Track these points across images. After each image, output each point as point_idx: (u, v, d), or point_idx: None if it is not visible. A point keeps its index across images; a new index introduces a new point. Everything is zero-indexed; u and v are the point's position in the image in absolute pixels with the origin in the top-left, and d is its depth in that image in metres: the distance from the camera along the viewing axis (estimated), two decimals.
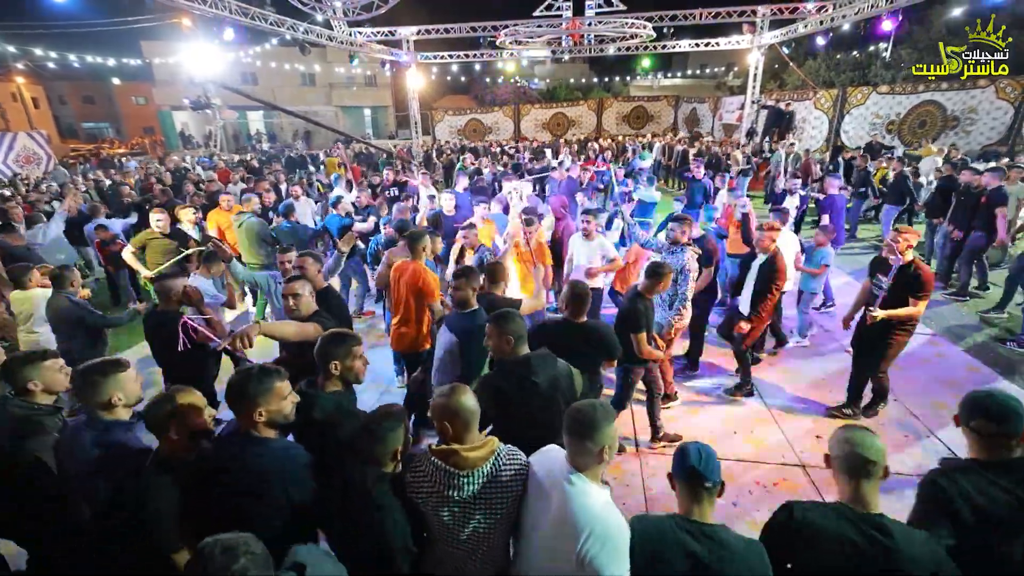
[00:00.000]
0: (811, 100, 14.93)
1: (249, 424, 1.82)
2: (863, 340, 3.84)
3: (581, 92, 32.24)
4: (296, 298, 2.87)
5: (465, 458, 1.70)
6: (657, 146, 16.42)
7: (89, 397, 2.06)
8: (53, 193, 10.92)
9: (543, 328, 3.04)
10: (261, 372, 1.83)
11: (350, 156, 17.78)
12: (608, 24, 14.19)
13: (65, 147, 28.36)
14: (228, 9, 10.32)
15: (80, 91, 35.54)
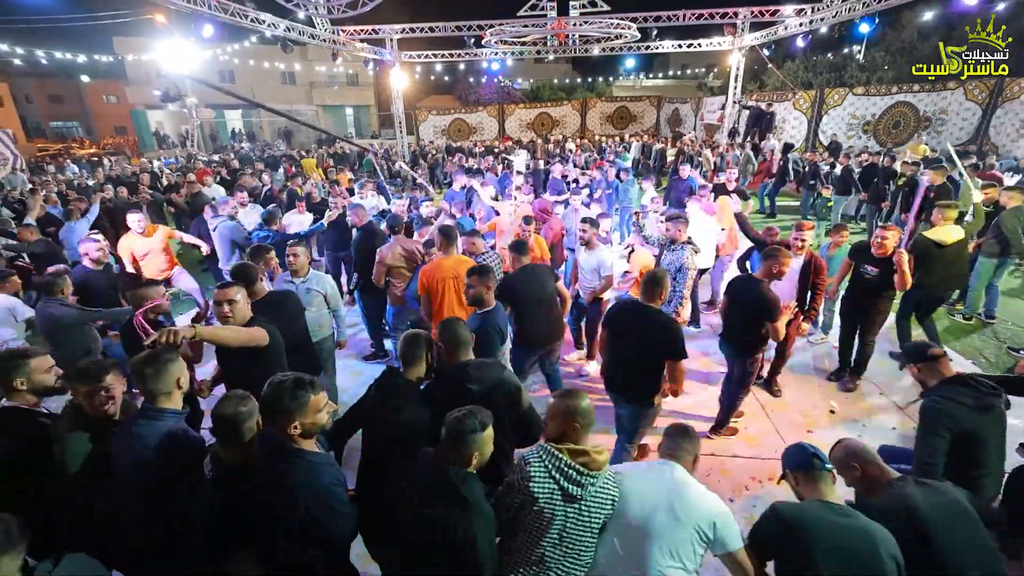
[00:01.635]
0: (791, 101, 15.20)
1: (283, 435, 1.78)
2: (857, 309, 4.28)
3: (565, 92, 32.28)
4: (231, 304, 2.65)
5: (594, 459, 1.80)
6: (635, 145, 16.59)
7: (154, 385, 1.96)
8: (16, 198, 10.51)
9: (618, 305, 3.19)
10: (295, 385, 1.75)
11: (321, 155, 17.46)
12: (593, 24, 14.20)
13: (32, 147, 27.19)
14: (207, 5, 9.96)
15: (47, 89, 34.02)
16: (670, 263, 4.05)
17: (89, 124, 34.24)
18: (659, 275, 2.92)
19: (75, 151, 25.84)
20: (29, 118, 33.22)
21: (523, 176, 7.55)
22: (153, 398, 1.97)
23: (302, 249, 3.68)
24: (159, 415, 1.96)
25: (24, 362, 2.16)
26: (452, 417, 1.76)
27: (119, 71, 26.92)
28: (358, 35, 16.02)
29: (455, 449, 1.74)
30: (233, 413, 1.82)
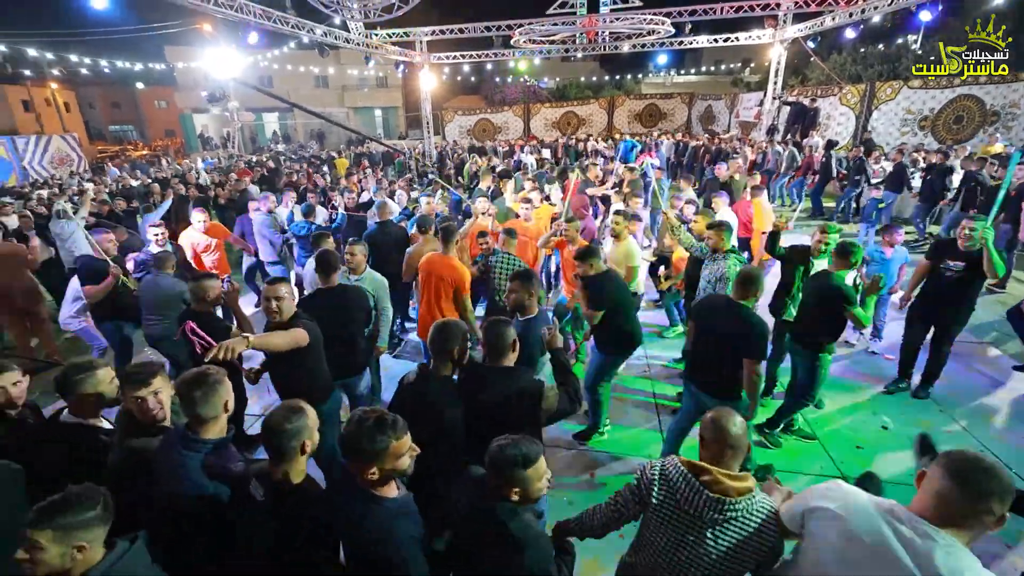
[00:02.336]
0: (837, 96, 14.27)
1: (360, 478, 1.58)
2: (934, 313, 3.95)
3: (592, 90, 31.68)
4: (279, 300, 2.66)
5: (719, 480, 1.55)
6: (667, 143, 16.00)
7: (202, 409, 1.81)
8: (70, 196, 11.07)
9: (709, 299, 3.15)
10: (376, 427, 1.53)
11: (350, 154, 17.72)
12: (625, 21, 13.72)
13: (94, 149, 28.92)
14: (252, 13, 10.19)
15: (108, 95, 36.23)
16: (711, 273, 3.75)
17: (142, 127, 36.22)
18: (754, 273, 2.84)
19: (130, 153, 27.22)
20: (92, 123, 35.47)
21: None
22: (199, 424, 1.83)
23: (360, 248, 3.72)
24: (199, 446, 1.81)
25: (91, 374, 2.09)
26: (495, 444, 1.60)
27: (169, 78, 28.20)
28: (390, 38, 16.12)
29: (496, 480, 1.57)
30: (278, 427, 1.65)
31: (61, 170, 20.64)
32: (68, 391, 2.07)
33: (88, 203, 7.59)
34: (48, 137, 21.77)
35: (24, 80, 29.99)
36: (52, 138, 21.76)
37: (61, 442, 2.02)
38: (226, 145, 24.44)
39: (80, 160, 22.29)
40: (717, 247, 3.77)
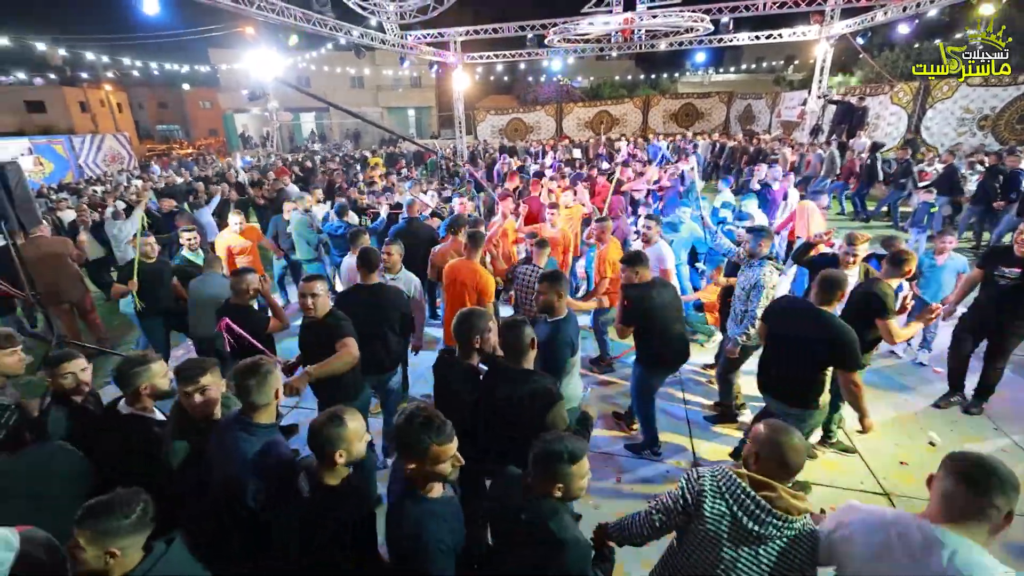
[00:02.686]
0: (888, 94, 13.64)
1: (405, 473, 1.65)
2: (987, 324, 3.75)
3: (626, 89, 31.27)
4: (314, 297, 2.76)
5: (784, 498, 1.51)
6: (703, 144, 15.64)
7: (255, 396, 1.95)
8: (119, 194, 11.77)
9: (785, 302, 3.05)
10: (421, 427, 1.56)
11: (383, 154, 18.09)
12: (662, 18, 13.50)
13: (143, 147, 30.54)
14: (292, 16, 10.54)
15: (156, 96, 38.28)
16: (745, 280, 3.63)
17: (187, 127, 37.99)
18: (838, 277, 2.69)
19: (176, 151, 28.59)
20: (141, 122, 37.54)
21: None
22: (252, 410, 1.97)
23: (396, 248, 3.81)
24: (254, 430, 1.95)
25: (147, 368, 2.20)
26: (541, 440, 1.61)
27: (213, 80, 29.43)
28: (424, 39, 16.36)
29: (540, 477, 1.58)
30: (315, 431, 1.70)
31: (113, 167, 21.91)
32: (124, 383, 2.18)
33: (143, 206, 8.05)
34: (102, 136, 23.19)
35: (81, 82, 32.01)
36: (105, 137, 23.17)
37: (118, 431, 2.15)
38: (265, 144, 25.35)
39: (130, 158, 23.62)
40: (754, 253, 3.63)
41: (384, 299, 3.30)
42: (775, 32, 15.18)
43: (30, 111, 31.41)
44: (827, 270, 2.87)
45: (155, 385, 2.21)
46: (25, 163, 18.48)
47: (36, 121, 30.71)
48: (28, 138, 20.37)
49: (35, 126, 29.33)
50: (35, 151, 19.26)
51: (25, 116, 31.08)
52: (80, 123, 31.36)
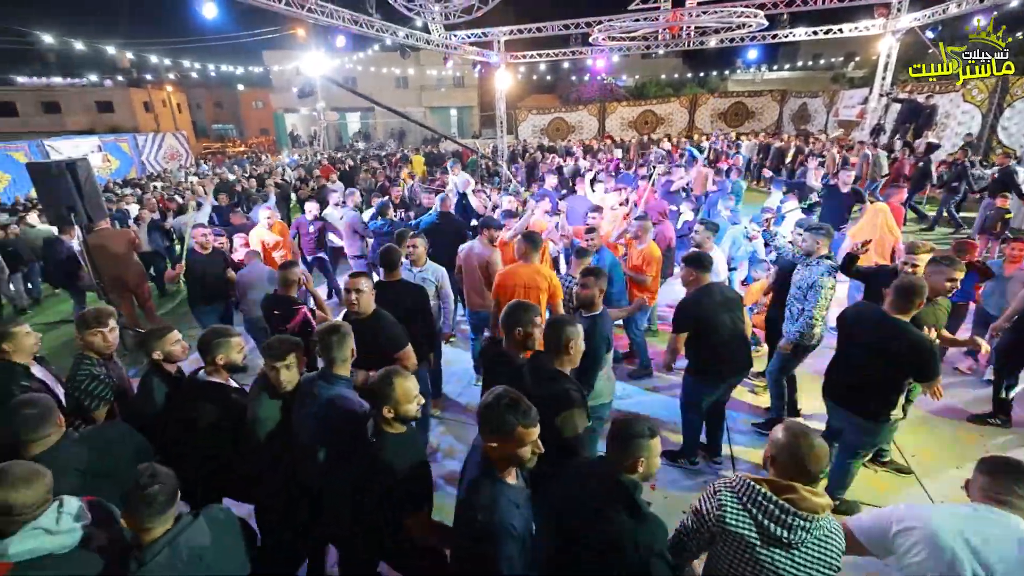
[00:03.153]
0: (959, 92, 12.79)
1: (486, 453, 1.71)
2: None
3: (672, 88, 30.63)
4: (359, 293, 2.82)
5: (805, 498, 1.51)
6: (747, 144, 15.13)
7: (336, 352, 2.25)
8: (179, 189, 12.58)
9: (857, 310, 2.90)
10: (508, 408, 1.62)
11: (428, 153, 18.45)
12: (713, 14, 13.15)
13: (199, 146, 32.40)
14: (341, 18, 10.97)
15: (213, 97, 40.50)
16: (802, 279, 3.55)
17: (240, 126, 39.95)
18: (917, 284, 2.58)
19: (229, 149, 30.16)
20: (198, 122, 39.82)
21: None
22: (332, 364, 2.25)
23: (421, 241, 3.84)
24: (336, 380, 2.24)
25: (227, 340, 2.42)
26: (621, 421, 1.69)
27: (266, 80, 30.94)
28: (468, 39, 16.56)
29: (623, 453, 1.62)
30: (373, 387, 1.94)
31: (172, 164, 23.36)
32: (205, 352, 2.39)
33: (209, 204, 8.57)
34: (163, 134, 24.77)
35: (145, 84, 34.38)
36: (166, 135, 24.74)
37: (200, 397, 2.38)
38: (312, 143, 26.37)
39: (188, 155, 25.11)
40: (811, 251, 3.52)
41: (403, 297, 3.33)
42: (835, 27, 14.51)
43: (100, 111, 33.93)
44: (906, 276, 2.75)
45: (231, 357, 2.43)
46: (94, 160, 19.72)
47: (105, 120, 33.14)
48: (98, 136, 21.94)
49: (104, 125, 31.65)
50: (103, 148, 20.67)
51: (96, 116, 33.57)
52: (144, 122, 33.63)
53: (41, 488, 1.52)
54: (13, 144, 17.81)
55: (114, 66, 33.79)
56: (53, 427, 1.92)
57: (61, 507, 1.54)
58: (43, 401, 1.96)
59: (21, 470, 1.52)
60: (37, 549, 1.46)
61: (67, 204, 4.88)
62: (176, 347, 2.54)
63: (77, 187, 4.89)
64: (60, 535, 1.50)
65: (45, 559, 1.48)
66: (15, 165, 16.76)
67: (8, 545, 1.44)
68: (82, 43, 13.35)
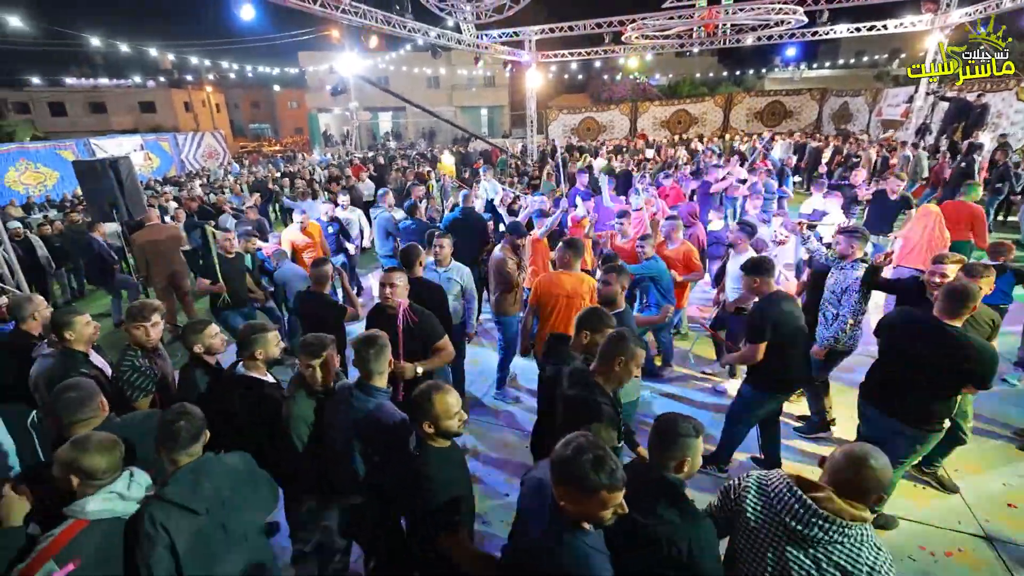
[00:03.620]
0: (1012, 90, 12.25)
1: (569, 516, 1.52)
2: None
3: (707, 87, 30.14)
4: (392, 288, 2.87)
5: (837, 504, 1.47)
6: (781, 144, 14.76)
7: (373, 364, 2.22)
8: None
9: (904, 314, 2.78)
10: (593, 466, 1.40)
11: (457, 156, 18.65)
12: (751, 11, 12.94)
13: (236, 145, 33.63)
14: (375, 19, 11.29)
15: (250, 97, 42.04)
16: (836, 283, 3.54)
17: (276, 126, 41.26)
18: (969, 290, 2.48)
19: (265, 148, 31.19)
20: (235, 121, 41.32)
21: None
22: (369, 376, 2.22)
23: (447, 241, 3.88)
24: (374, 392, 2.21)
25: (264, 335, 2.47)
26: (665, 418, 1.69)
27: (301, 80, 31.88)
28: (500, 39, 16.71)
29: (669, 453, 1.64)
30: (412, 401, 1.90)
31: (210, 163, 24.29)
32: (243, 346, 2.46)
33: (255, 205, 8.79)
34: (202, 134, 25.78)
35: (186, 84, 35.89)
36: (205, 135, 25.72)
37: (240, 391, 2.45)
38: (344, 142, 27.04)
39: (225, 154, 26.05)
40: (845, 255, 3.50)
41: (423, 295, 3.35)
42: (879, 23, 14.07)
43: (143, 111, 35.66)
44: (959, 281, 2.68)
45: (268, 352, 2.50)
46: (136, 158, 20.36)
47: (147, 120, 34.82)
48: (140, 135, 22.91)
49: (146, 124, 33.22)
50: (145, 147, 21.53)
51: (138, 115, 35.29)
52: (184, 122, 35.16)
53: (116, 456, 1.71)
54: (63, 143, 18.79)
55: (157, 67, 35.48)
56: (94, 411, 2.05)
57: (132, 476, 1.74)
58: (85, 386, 2.08)
59: (101, 438, 1.70)
60: (110, 510, 1.65)
61: (110, 200, 5.08)
62: (216, 340, 2.65)
63: (119, 184, 5.12)
64: (130, 501, 1.69)
65: (115, 521, 1.66)
66: (64, 163, 17.43)
67: (87, 503, 1.63)
68: (127, 45, 13.87)
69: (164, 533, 1.66)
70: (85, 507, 1.62)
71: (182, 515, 1.71)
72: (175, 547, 1.67)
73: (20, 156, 16.94)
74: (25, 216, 11.82)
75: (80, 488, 1.65)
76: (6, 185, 16.03)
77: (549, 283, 3.55)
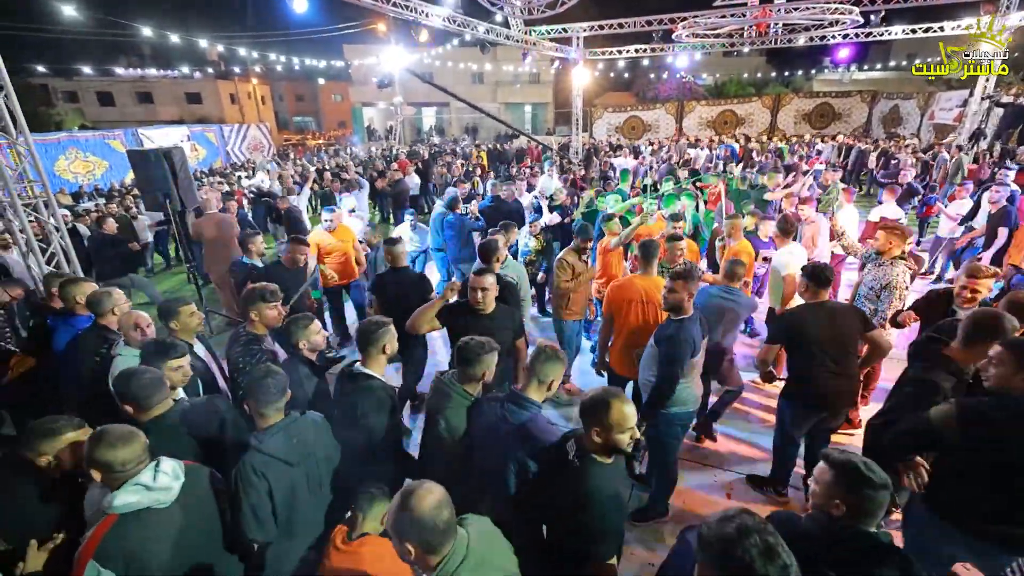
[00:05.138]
0: None
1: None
2: None
3: (754, 87, 30.36)
4: (484, 291, 2.96)
5: None
6: (828, 147, 15.03)
7: (541, 375, 2.15)
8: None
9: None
10: (771, 555, 1.17)
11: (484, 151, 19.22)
12: (805, 11, 13.25)
13: (281, 137, 35.07)
14: (424, 13, 11.63)
15: (294, 90, 43.66)
16: (874, 279, 3.59)
17: (320, 119, 42.82)
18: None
19: (309, 141, 32.51)
20: (280, 114, 42.96)
21: None
22: (526, 386, 2.18)
23: (501, 237, 4.05)
24: (527, 405, 2.13)
25: (387, 329, 2.48)
26: (845, 458, 1.58)
27: (345, 74, 33.15)
28: (548, 34, 17.09)
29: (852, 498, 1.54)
30: (588, 406, 1.86)
31: (255, 155, 25.25)
32: (363, 345, 2.46)
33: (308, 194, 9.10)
34: (247, 126, 26.65)
35: (232, 76, 37.51)
36: (250, 127, 26.65)
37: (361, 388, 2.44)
38: (387, 137, 28.12)
39: (270, 147, 27.10)
40: (883, 250, 3.56)
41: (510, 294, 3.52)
42: (935, 25, 14.30)
43: (189, 102, 36.75)
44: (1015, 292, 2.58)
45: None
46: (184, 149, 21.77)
47: (194, 111, 35.87)
48: (187, 126, 23.72)
49: (192, 115, 34.30)
50: (191, 138, 21.94)
51: (185, 107, 36.45)
52: (230, 114, 36.45)
53: (137, 447, 1.72)
54: (111, 132, 19.38)
55: (204, 59, 37.09)
56: (163, 396, 2.15)
57: (158, 466, 1.74)
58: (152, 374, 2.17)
59: (117, 431, 1.72)
60: (137, 503, 1.67)
61: (163, 191, 5.07)
62: (319, 337, 2.73)
63: (173, 174, 5.08)
64: (157, 491, 1.70)
65: (144, 513, 1.68)
66: (113, 152, 18.07)
67: (113, 498, 1.66)
68: (176, 36, 14.39)
69: (265, 480, 1.93)
70: (113, 502, 1.65)
71: (278, 465, 1.98)
72: (272, 492, 1.95)
73: (70, 145, 17.38)
74: (74, 204, 12.01)
75: (105, 482, 1.70)
76: (56, 174, 16.30)
77: (629, 288, 3.44)
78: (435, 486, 1.45)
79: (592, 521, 1.79)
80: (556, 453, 1.93)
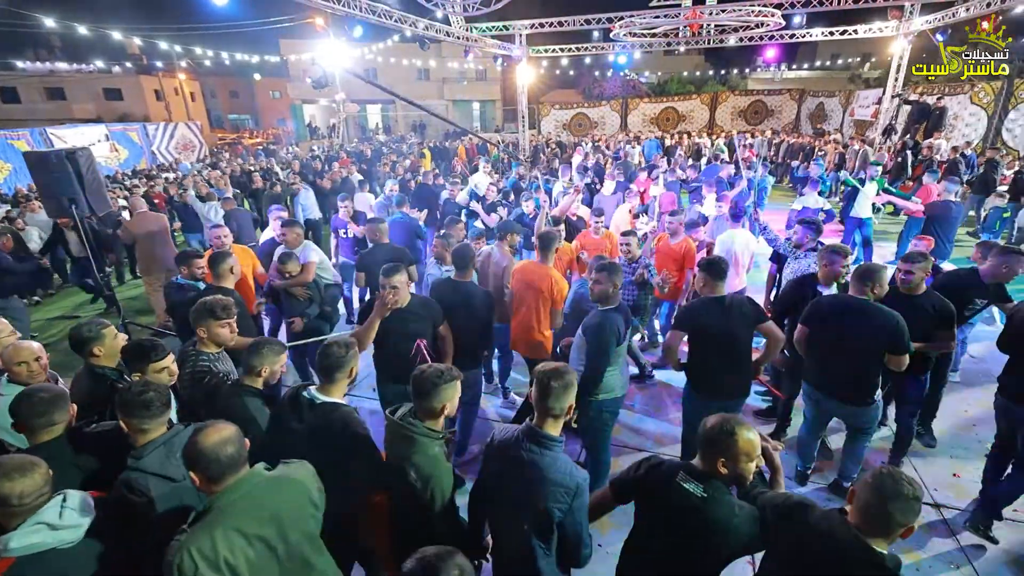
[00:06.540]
0: (967, 94, 13.86)
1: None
2: None
3: (694, 85, 31.78)
4: (395, 290, 2.94)
5: None
6: (758, 141, 16.22)
7: (555, 402, 1.84)
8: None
9: (824, 301, 3.09)
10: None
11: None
12: (731, 13, 14.21)
13: (214, 136, 33.49)
14: (359, 8, 11.44)
15: (227, 86, 41.85)
16: (791, 271, 3.91)
17: (257, 117, 41.22)
18: (873, 269, 2.92)
19: (245, 140, 31.22)
20: (212, 111, 41.01)
21: None
22: (545, 418, 1.85)
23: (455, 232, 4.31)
24: (552, 445, 1.82)
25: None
26: (887, 472, 1.57)
27: (283, 70, 32.13)
28: (490, 31, 17.34)
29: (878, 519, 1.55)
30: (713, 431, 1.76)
31: (184, 155, 23.85)
32: (329, 371, 2.27)
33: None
34: (175, 124, 25.15)
35: (156, 71, 35.44)
36: (178, 125, 25.13)
37: (334, 421, 2.24)
38: (331, 135, 27.46)
39: (201, 146, 25.66)
40: (800, 244, 3.94)
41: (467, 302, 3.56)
42: (850, 28, 15.60)
43: (108, 99, 34.59)
44: (867, 264, 3.10)
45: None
46: (101, 149, 19.25)
47: (114, 108, 33.72)
48: (105, 125, 22.04)
49: (113, 113, 32.23)
50: (111, 137, 20.48)
51: (103, 103, 34.28)
52: (155, 111, 34.50)
53: (37, 478, 1.52)
54: (14, 132, 17.39)
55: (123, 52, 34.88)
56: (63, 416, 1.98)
57: (64, 501, 1.55)
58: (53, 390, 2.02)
59: (15, 460, 1.54)
60: (39, 544, 1.47)
61: (68, 195, 4.72)
62: (279, 367, 2.44)
63: (78, 177, 4.74)
64: (62, 530, 1.51)
65: (47, 554, 1.48)
66: (17, 154, 16.06)
67: (9, 540, 1.45)
68: (86, 27, 13.24)
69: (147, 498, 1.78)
70: (9, 543, 1.45)
71: (161, 482, 1.82)
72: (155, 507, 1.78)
73: None
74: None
75: (2, 519, 1.50)
76: None
77: (522, 270, 3.83)
78: (228, 426, 1.61)
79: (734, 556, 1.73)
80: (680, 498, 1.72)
